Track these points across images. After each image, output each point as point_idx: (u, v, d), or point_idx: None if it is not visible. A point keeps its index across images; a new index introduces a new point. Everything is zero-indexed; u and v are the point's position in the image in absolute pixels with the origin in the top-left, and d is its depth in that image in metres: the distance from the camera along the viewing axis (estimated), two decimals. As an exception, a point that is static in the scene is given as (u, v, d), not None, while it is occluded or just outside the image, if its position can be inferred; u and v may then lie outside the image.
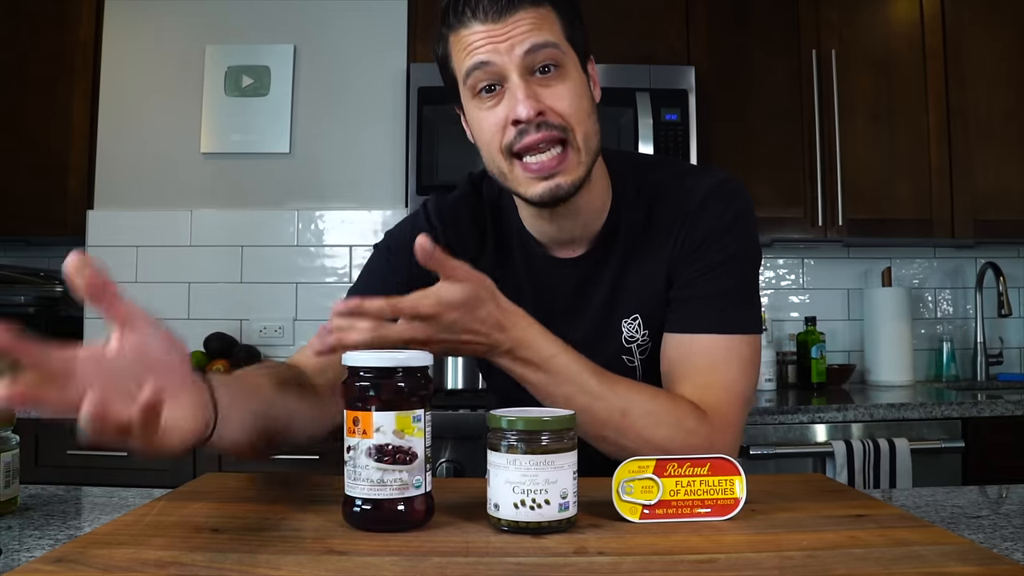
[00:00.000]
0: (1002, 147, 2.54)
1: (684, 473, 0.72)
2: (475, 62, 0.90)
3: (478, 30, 0.90)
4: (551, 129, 0.90)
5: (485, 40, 0.90)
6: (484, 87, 0.92)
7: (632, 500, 0.72)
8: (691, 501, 0.72)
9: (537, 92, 0.90)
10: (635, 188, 1.04)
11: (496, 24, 0.89)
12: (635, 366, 1.04)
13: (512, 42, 0.89)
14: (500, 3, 0.89)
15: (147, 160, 2.64)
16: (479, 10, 0.90)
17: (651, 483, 0.72)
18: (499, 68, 0.90)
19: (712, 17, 2.51)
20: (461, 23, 0.91)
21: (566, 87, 0.92)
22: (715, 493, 0.72)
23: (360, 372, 0.69)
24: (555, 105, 0.91)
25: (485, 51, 0.90)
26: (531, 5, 0.90)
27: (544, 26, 0.91)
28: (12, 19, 2.54)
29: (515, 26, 0.89)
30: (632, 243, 1.03)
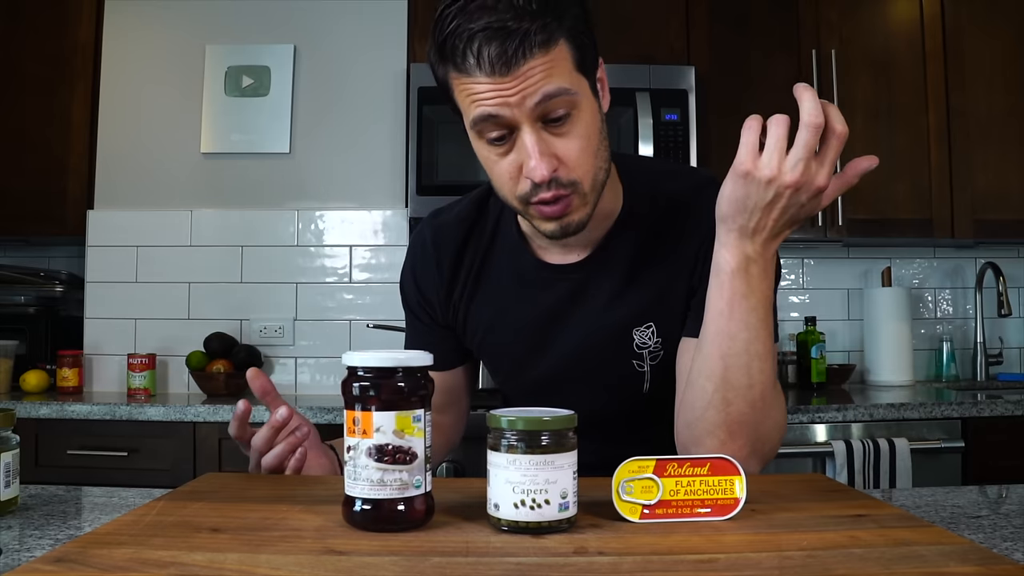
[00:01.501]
0: (1002, 147, 2.54)
1: (684, 473, 0.72)
2: (483, 115, 0.86)
3: (484, 82, 0.84)
4: (560, 186, 0.89)
5: (494, 93, 0.84)
6: (495, 137, 0.88)
7: (632, 500, 0.72)
8: (691, 501, 0.72)
9: (549, 143, 0.87)
10: (649, 196, 1.03)
11: (504, 78, 0.83)
12: (644, 371, 1.04)
13: (523, 95, 0.84)
14: (507, 55, 0.82)
15: (147, 160, 2.64)
16: (484, 62, 0.83)
17: (651, 483, 0.72)
18: (509, 120, 0.86)
19: (712, 17, 2.51)
20: (462, 70, 0.85)
21: (576, 134, 0.88)
22: (715, 493, 0.72)
23: (360, 372, 0.69)
24: (566, 158, 0.88)
25: (494, 105, 0.85)
26: (541, 50, 0.83)
27: (555, 70, 0.85)
28: (12, 19, 2.54)
29: (525, 77, 0.83)
30: (648, 251, 1.02)
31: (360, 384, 0.69)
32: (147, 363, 2.43)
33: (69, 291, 2.62)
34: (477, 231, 1.08)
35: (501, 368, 1.13)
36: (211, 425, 2.10)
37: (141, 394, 2.39)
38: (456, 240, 1.09)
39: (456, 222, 1.09)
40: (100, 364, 2.59)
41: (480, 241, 1.08)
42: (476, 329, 1.10)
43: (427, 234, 1.11)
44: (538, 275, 1.04)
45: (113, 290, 2.60)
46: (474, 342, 1.12)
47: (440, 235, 1.10)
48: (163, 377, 2.58)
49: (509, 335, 1.07)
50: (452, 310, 1.11)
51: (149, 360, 2.44)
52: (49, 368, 2.47)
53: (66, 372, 2.41)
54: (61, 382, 2.41)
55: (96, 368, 2.59)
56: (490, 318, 1.07)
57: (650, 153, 2.33)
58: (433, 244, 1.10)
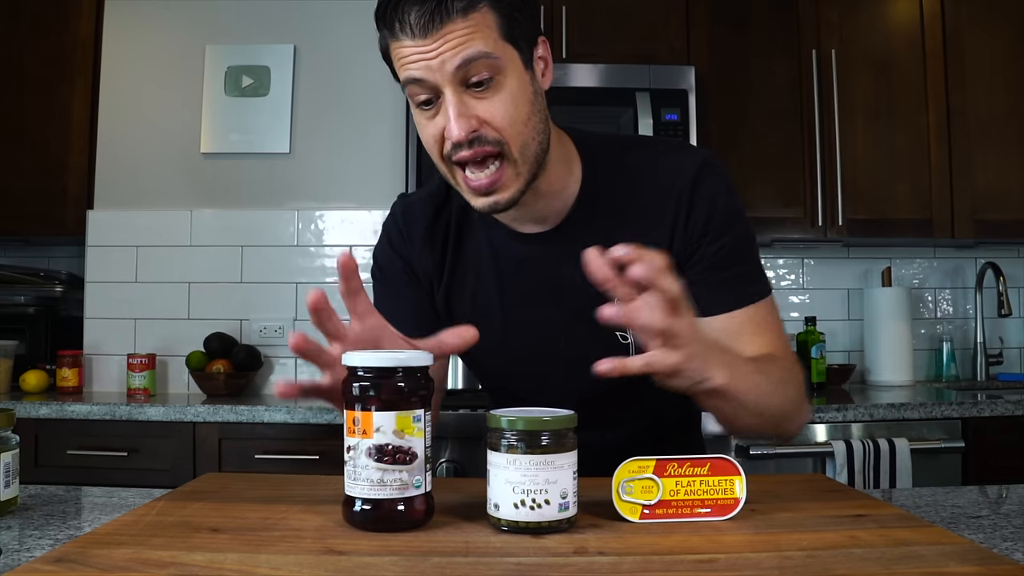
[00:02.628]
0: (1002, 147, 2.54)
1: (684, 473, 0.72)
2: (409, 77, 0.89)
3: (408, 45, 0.88)
4: (484, 144, 0.89)
5: (416, 56, 0.88)
6: (424, 100, 0.91)
7: (632, 500, 0.72)
8: (691, 501, 0.72)
9: (471, 107, 0.89)
10: (613, 167, 1.03)
11: (425, 39, 0.86)
12: (629, 342, 1.03)
13: (442, 58, 0.86)
14: (425, 19, 0.86)
15: (147, 160, 2.64)
16: (407, 25, 0.87)
17: (651, 483, 0.72)
18: (432, 84, 0.88)
19: (712, 17, 2.51)
20: (392, 34, 0.89)
21: (500, 98, 0.89)
22: (715, 493, 0.72)
23: (360, 372, 0.69)
24: (490, 119, 0.89)
25: (417, 68, 0.88)
26: (461, 14, 0.86)
27: (477, 34, 0.87)
28: (12, 19, 2.54)
29: (444, 40, 0.86)
30: (618, 220, 1.01)
31: (360, 384, 0.69)
32: (147, 363, 2.43)
33: (69, 291, 2.62)
34: (448, 207, 1.09)
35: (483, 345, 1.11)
36: (211, 425, 2.10)
37: (141, 394, 2.39)
38: (427, 215, 1.10)
39: (427, 198, 1.11)
40: (100, 364, 2.59)
41: (452, 216, 1.08)
42: (456, 304, 1.09)
43: (398, 212, 1.14)
44: (512, 247, 1.04)
45: (113, 290, 2.60)
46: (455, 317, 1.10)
47: (410, 212, 1.12)
48: (163, 377, 2.58)
49: (489, 308, 1.07)
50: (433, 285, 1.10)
51: (149, 360, 2.44)
52: (49, 368, 2.47)
53: (66, 372, 2.41)
54: (61, 382, 2.41)
55: (96, 368, 2.59)
56: (471, 293, 1.07)
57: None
58: (404, 220, 1.12)
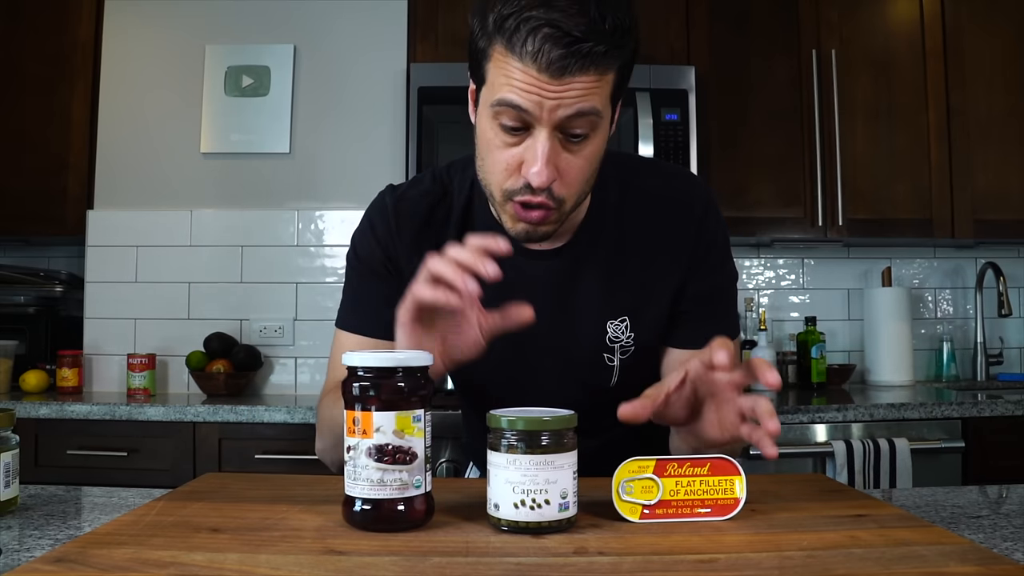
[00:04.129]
0: (1002, 147, 2.54)
1: (684, 473, 0.72)
2: (511, 102, 0.84)
3: (530, 74, 0.82)
4: (550, 198, 0.88)
5: (533, 89, 0.83)
6: (508, 126, 0.87)
7: (632, 500, 0.72)
8: (691, 501, 0.72)
9: (558, 157, 0.87)
10: (622, 189, 1.03)
11: (552, 80, 0.82)
12: (614, 365, 1.04)
13: (560, 103, 0.83)
14: (569, 63, 0.81)
15: (147, 160, 2.64)
16: (541, 58, 0.81)
17: (651, 483, 0.72)
18: (532, 118, 0.85)
19: (712, 17, 2.51)
20: (515, 52, 0.83)
21: (584, 156, 0.88)
22: (715, 493, 0.72)
23: (360, 372, 0.69)
24: (567, 174, 0.88)
25: (528, 99, 0.83)
26: (596, 71, 0.83)
27: (596, 91, 0.85)
28: (12, 19, 2.54)
29: (570, 88, 0.83)
30: (622, 245, 1.02)
31: (360, 384, 0.69)
32: (147, 363, 2.43)
33: (69, 291, 2.62)
34: (443, 208, 1.05)
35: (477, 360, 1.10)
36: (211, 425, 2.10)
37: (141, 394, 2.39)
38: (421, 215, 1.05)
39: (421, 196, 1.06)
40: (100, 364, 2.59)
41: (448, 220, 1.05)
42: None
43: (388, 204, 1.06)
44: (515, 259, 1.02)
45: (113, 290, 2.60)
46: None
47: (403, 208, 1.06)
48: (163, 377, 2.58)
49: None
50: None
51: (149, 360, 2.44)
52: (49, 368, 2.47)
53: (66, 372, 2.41)
54: (61, 382, 2.41)
55: (96, 368, 2.59)
56: None
57: (650, 153, 2.33)
58: (395, 214, 1.05)
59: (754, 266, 2.83)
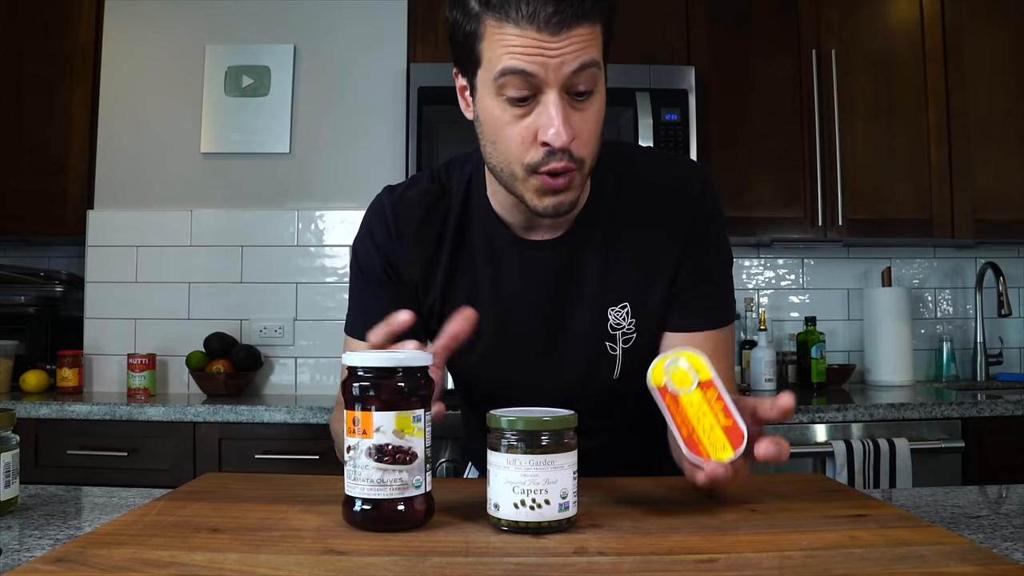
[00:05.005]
0: (1002, 147, 2.54)
1: (711, 407, 0.77)
2: (516, 68, 0.83)
3: (530, 36, 0.82)
4: (571, 160, 0.88)
5: (535, 50, 0.82)
6: (516, 97, 0.86)
7: (665, 372, 0.77)
8: (689, 423, 0.76)
9: (570, 117, 0.86)
10: (619, 177, 1.03)
11: (552, 37, 0.82)
12: (616, 354, 1.04)
13: (563, 59, 0.83)
14: (565, 16, 0.81)
15: (147, 160, 2.64)
16: (538, 16, 0.81)
17: (690, 383, 0.77)
18: (540, 81, 0.84)
19: (712, 17, 2.51)
20: (509, 18, 0.83)
21: (593, 113, 0.89)
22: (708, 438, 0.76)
23: (360, 372, 0.69)
24: (581, 134, 0.88)
25: (532, 62, 0.83)
26: (590, 22, 0.84)
27: (593, 43, 0.85)
28: (12, 19, 2.54)
29: (571, 42, 0.82)
30: (621, 231, 1.02)
31: (360, 384, 0.69)
32: (147, 363, 2.43)
33: (69, 291, 2.62)
34: (441, 207, 1.05)
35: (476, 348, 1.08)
36: (211, 425, 2.10)
37: (141, 394, 2.39)
38: (419, 213, 1.05)
39: (418, 196, 1.06)
40: (100, 364, 2.59)
41: (447, 218, 1.04)
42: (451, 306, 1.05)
43: (386, 206, 1.06)
44: (515, 252, 1.03)
45: (113, 290, 2.60)
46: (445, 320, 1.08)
47: (401, 208, 1.05)
48: (163, 377, 2.58)
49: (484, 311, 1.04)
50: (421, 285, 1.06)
51: (149, 360, 2.44)
52: (49, 368, 2.47)
53: (66, 372, 2.41)
54: (61, 382, 2.41)
55: (96, 368, 2.59)
56: (467, 296, 1.05)
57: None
58: (393, 215, 1.05)
59: (754, 266, 2.83)
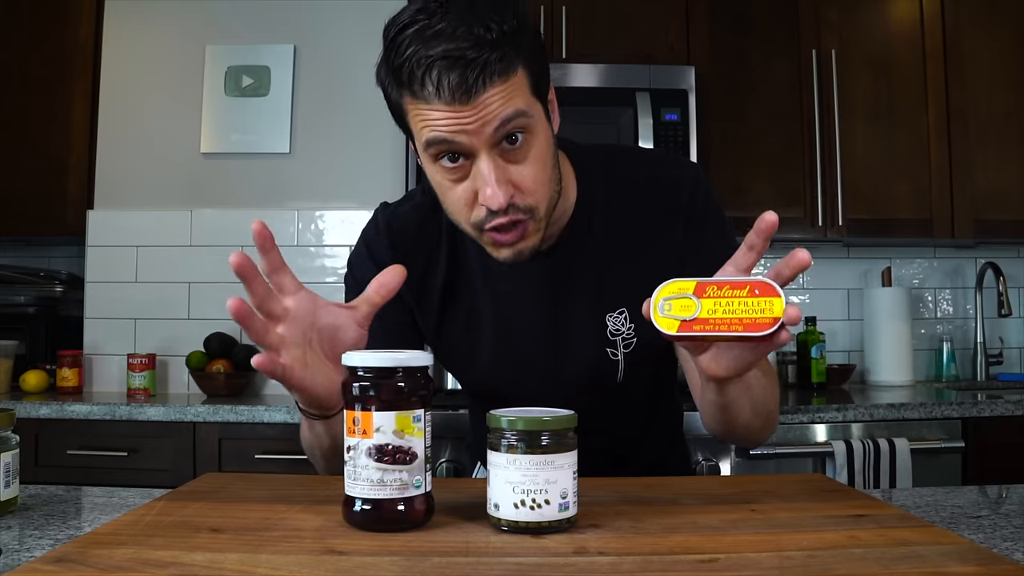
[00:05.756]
0: (1002, 147, 2.54)
1: (723, 295, 0.72)
2: (437, 139, 0.84)
3: (441, 109, 0.82)
4: (517, 212, 0.88)
5: (451, 121, 0.82)
6: (447, 156, 0.86)
7: (671, 316, 0.72)
8: (728, 320, 0.71)
9: (505, 170, 0.86)
10: (604, 181, 1.03)
11: (464, 106, 0.81)
12: (618, 359, 1.03)
13: (482, 122, 0.82)
14: (467, 84, 0.80)
15: (147, 160, 2.64)
16: (443, 90, 0.81)
17: (690, 302, 0.72)
18: (465, 147, 0.84)
19: (712, 17, 2.51)
20: (418, 95, 0.83)
21: (532, 159, 0.88)
22: (753, 312, 0.71)
23: (360, 372, 0.69)
24: (522, 184, 0.87)
25: (449, 131, 0.83)
26: (501, 78, 0.82)
27: (514, 94, 0.83)
28: (12, 19, 2.54)
29: (484, 105, 0.82)
30: (614, 236, 1.02)
31: (360, 384, 0.69)
32: (147, 363, 2.43)
33: (69, 291, 2.62)
34: (434, 223, 1.06)
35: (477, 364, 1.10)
36: (211, 425, 2.10)
37: (141, 394, 2.39)
38: (411, 231, 1.06)
39: (411, 212, 1.07)
40: (100, 364, 2.59)
41: (442, 234, 1.05)
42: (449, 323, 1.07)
43: (381, 223, 1.08)
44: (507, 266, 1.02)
45: (113, 290, 2.60)
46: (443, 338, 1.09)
47: (396, 225, 1.07)
48: (163, 377, 2.58)
49: (482, 327, 1.06)
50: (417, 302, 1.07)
51: (149, 360, 2.44)
52: (49, 368, 2.47)
53: (66, 372, 2.41)
54: (61, 382, 2.41)
55: (96, 368, 2.59)
56: (465, 311, 1.06)
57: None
58: (388, 232, 1.06)
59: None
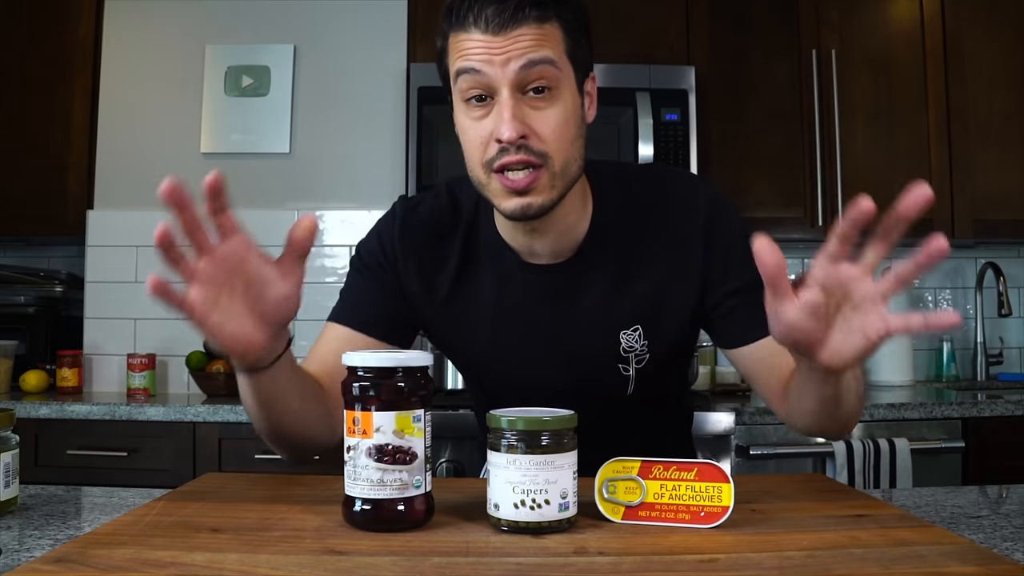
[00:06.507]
0: (1002, 147, 2.54)
1: (670, 477, 0.71)
2: (466, 67, 0.88)
3: (476, 38, 0.87)
4: (530, 153, 0.88)
5: (482, 50, 0.87)
6: (474, 96, 0.90)
7: (614, 500, 0.72)
8: (675, 506, 0.70)
9: (524, 113, 0.88)
10: (623, 198, 1.02)
11: (496, 36, 0.87)
12: (630, 375, 1.03)
13: (508, 56, 0.87)
14: (504, 15, 0.86)
15: (147, 160, 2.63)
16: (481, 19, 0.87)
17: (635, 484, 0.71)
18: (490, 80, 0.88)
19: (712, 17, 2.51)
20: (461, 26, 0.89)
21: (554, 111, 0.90)
22: (701, 500, 0.70)
23: (360, 372, 0.69)
24: (540, 129, 0.89)
25: (479, 60, 0.87)
26: (536, 21, 0.87)
27: (546, 43, 0.88)
28: (12, 18, 2.54)
29: (516, 40, 0.87)
30: (629, 255, 1.01)
31: (360, 384, 0.69)
32: (147, 363, 2.43)
33: (69, 291, 2.62)
34: (451, 224, 1.06)
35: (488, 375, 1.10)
36: (211, 425, 2.10)
37: (141, 394, 2.39)
38: (427, 227, 1.06)
39: (429, 212, 1.07)
40: (100, 364, 2.59)
41: (455, 236, 1.05)
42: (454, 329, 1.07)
43: (399, 215, 1.08)
44: (520, 276, 1.03)
45: (113, 290, 2.60)
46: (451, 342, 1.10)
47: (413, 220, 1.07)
48: (163, 377, 2.58)
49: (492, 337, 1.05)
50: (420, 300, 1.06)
51: (149, 360, 2.44)
52: (49, 368, 2.47)
53: (66, 372, 2.41)
54: (61, 382, 2.41)
55: (96, 368, 2.59)
56: (474, 319, 1.05)
57: (650, 153, 2.33)
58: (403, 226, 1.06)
59: (754, 266, 2.83)
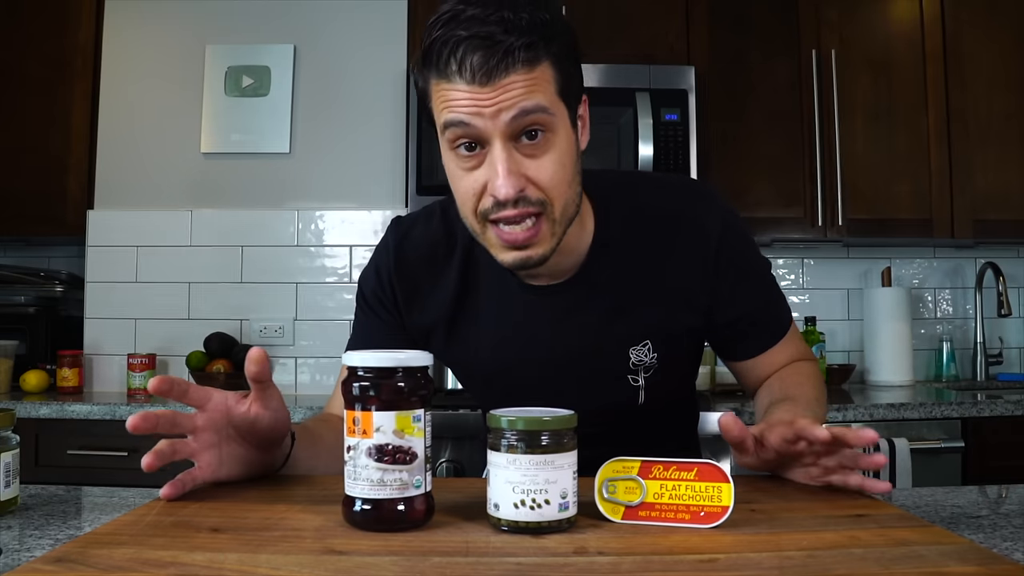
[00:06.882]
0: (1002, 148, 2.54)
1: (670, 476, 0.71)
2: (454, 120, 0.83)
3: (460, 88, 0.82)
4: (528, 204, 0.85)
5: (469, 102, 0.82)
6: (463, 145, 0.85)
7: (614, 500, 0.71)
8: (675, 506, 0.70)
9: (519, 163, 0.84)
10: (623, 211, 1.00)
11: (484, 87, 0.81)
12: (639, 386, 1.03)
13: (499, 107, 0.82)
14: (491, 63, 0.80)
15: (147, 160, 2.64)
16: (466, 68, 0.81)
17: (635, 484, 0.71)
18: (480, 132, 0.83)
19: (712, 17, 2.51)
20: (444, 76, 0.83)
21: (550, 157, 0.86)
22: (701, 499, 0.70)
23: (360, 372, 0.69)
24: (537, 178, 0.85)
25: (467, 113, 0.82)
26: (525, 65, 0.82)
27: (537, 88, 0.83)
28: (12, 20, 2.54)
29: (505, 89, 0.81)
30: (635, 270, 0.99)
31: (360, 384, 0.69)
32: (147, 363, 2.43)
33: (69, 291, 2.62)
34: (446, 247, 1.04)
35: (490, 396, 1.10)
36: (211, 425, 2.10)
37: (141, 394, 2.39)
38: (422, 255, 1.05)
39: (422, 239, 1.05)
40: (100, 364, 2.59)
41: (451, 262, 1.04)
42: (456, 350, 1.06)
43: (391, 243, 1.07)
44: (522, 298, 1.01)
45: (113, 290, 2.60)
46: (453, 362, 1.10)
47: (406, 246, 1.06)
48: (163, 377, 2.58)
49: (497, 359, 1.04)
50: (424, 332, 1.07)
51: (149, 360, 2.44)
52: (49, 368, 2.47)
53: (66, 372, 2.41)
54: (61, 382, 2.41)
55: (96, 368, 2.59)
56: (475, 340, 1.04)
57: (650, 153, 2.33)
58: (397, 253, 1.05)
59: (754, 266, 2.83)
